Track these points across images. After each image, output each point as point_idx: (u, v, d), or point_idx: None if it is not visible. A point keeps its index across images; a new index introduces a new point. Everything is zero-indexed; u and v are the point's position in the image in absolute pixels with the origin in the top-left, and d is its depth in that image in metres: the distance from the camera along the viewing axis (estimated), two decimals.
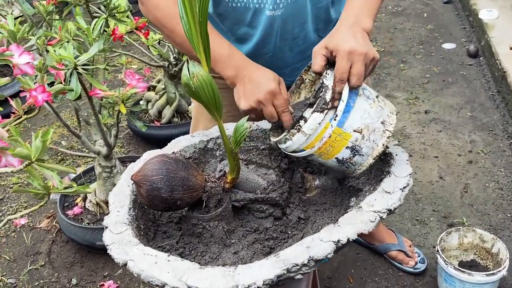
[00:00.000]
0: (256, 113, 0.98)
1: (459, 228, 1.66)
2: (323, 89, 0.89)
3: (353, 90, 0.91)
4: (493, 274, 1.49)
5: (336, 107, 0.88)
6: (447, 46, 3.31)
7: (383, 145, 0.92)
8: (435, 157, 2.29)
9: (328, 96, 0.88)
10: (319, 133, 0.89)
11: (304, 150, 0.93)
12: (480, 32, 3.21)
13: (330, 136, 0.89)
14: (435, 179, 2.16)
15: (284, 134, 0.93)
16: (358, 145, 0.91)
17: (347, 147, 0.91)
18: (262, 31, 1.14)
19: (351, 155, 0.92)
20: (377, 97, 0.95)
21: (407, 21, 3.68)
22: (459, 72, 2.98)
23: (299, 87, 1.05)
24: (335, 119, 0.89)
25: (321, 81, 0.90)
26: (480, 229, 1.66)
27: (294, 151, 0.94)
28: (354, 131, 0.90)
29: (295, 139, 0.91)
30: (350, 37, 0.91)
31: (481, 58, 3.10)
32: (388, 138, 0.92)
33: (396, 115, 0.95)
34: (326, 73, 0.91)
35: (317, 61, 0.92)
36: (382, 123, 0.92)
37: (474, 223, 1.91)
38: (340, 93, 0.89)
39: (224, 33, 1.22)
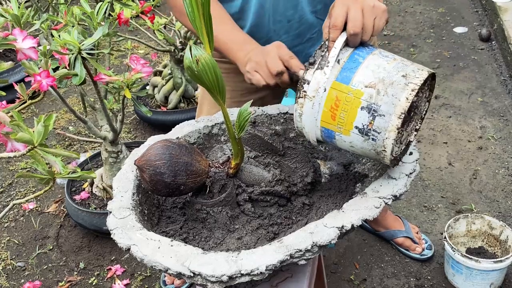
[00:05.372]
0: (261, 70, 0.99)
1: (467, 215, 1.65)
2: (323, 47, 0.84)
3: (365, 46, 0.84)
4: (500, 261, 1.48)
5: (338, 61, 0.81)
6: (459, 30, 3.25)
7: (407, 99, 0.77)
8: (444, 143, 2.27)
9: (327, 53, 0.82)
10: (327, 97, 0.81)
11: (326, 128, 0.84)
12: (493, 16, 3.14)
13: (337, 96, 0.80)
14: (444, 165, 2.13)
15: (294, 107, 0.85)
16: (374, 103, 0.78)
17: (362, 108, 0.79)
18: (254, 13, 1.15)
19: (370, 118, 0.79)
20: (401, 59, 0.84)
21: (418, 4, 3.61)
22: (470, 56, 2.93)
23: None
24: (339, 76, 0.80)
25: (322, 42, 0.85)
26: (489, 216, 1.64)
27: (321, 139, 0.86)
28: (366, 86, 0.79)
29: (305, 108, 0.83)
30: None
31: (493, 42, 3.04)
32: (412, 91, 0.77)
33: (427, 72, 0.80)
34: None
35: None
36: (403, 76, 0.79)
37: (482, 209, 1.89)
38: (334, 41, 0.83)
39: None
